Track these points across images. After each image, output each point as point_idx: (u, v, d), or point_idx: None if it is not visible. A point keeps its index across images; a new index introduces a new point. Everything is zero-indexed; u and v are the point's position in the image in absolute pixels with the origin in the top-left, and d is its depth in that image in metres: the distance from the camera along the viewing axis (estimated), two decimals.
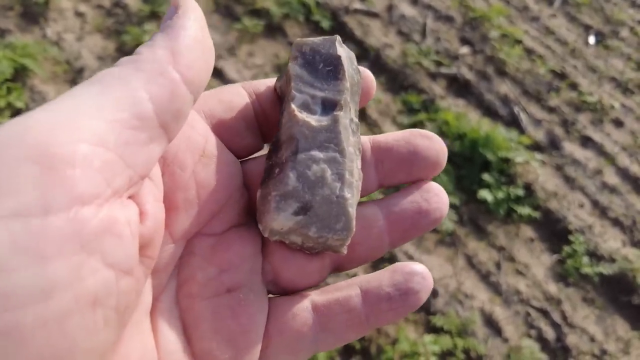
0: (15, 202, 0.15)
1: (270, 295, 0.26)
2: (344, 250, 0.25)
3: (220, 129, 0.26)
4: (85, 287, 0.16)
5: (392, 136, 0.27)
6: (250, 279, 0.24)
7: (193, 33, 0.20)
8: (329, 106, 0.25)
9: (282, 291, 0.25)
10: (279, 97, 0.28)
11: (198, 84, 0.20)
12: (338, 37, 0.27)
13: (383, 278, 0.25)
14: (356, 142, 0.25)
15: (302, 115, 0.24)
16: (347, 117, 0.25)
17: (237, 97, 0.28)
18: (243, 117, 0.27)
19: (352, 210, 0.24)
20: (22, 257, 0.14)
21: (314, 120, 0.24)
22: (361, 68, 0.28)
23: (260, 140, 0.28)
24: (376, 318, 0.24)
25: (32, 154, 0.15)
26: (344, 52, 0.27)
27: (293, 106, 0.25)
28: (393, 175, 0.26)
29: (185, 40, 0.19)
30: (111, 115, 0.17)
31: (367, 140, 0.28)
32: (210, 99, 0.27)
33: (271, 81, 0.28)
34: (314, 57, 0.26)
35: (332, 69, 0.25)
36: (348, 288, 0.25)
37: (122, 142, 0.17)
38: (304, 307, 0.24)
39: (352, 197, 0.24)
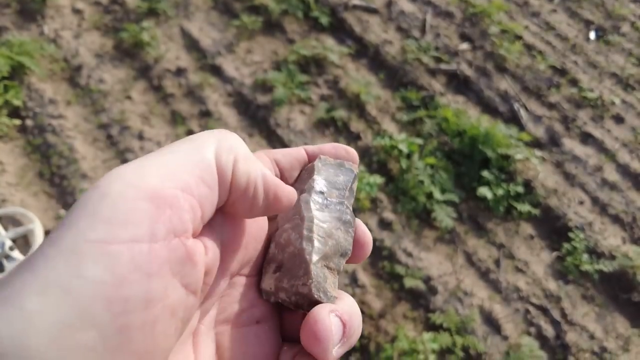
0: (134, 231, 0.20)
1: None
2: (316, 296, 0.29)
3: None
4: (169, 301, 0.21)
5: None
6: (272, 315, 0.30)
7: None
8: (300, 194, 0.33)
9: (287, 339, 0.31)
10: None
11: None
12: (321, 156, 0.35)
13: None
14: (334, 213, 0.33)
15: None
16: (312, 197, 0.32)
17: (266, 164, 0.33)
18: None
19: (310, 257, 0.29)
20: (136, 273, 0.20)
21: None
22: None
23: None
24: None
25: (146, 196, 0.21)
26: (327, 162, 0.35)
27: None
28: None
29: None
30: (197, 172, 0.23)
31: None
32: None
33: (285, 152, 0.36)
34: (304, 173, 0.35)
35: (309, 174, 0.34)
36: None
37: (200, 193, 0.23)
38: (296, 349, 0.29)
39: (310, 247, 0.30)
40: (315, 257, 0.29)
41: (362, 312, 1.45)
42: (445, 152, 1.79)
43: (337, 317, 0.27)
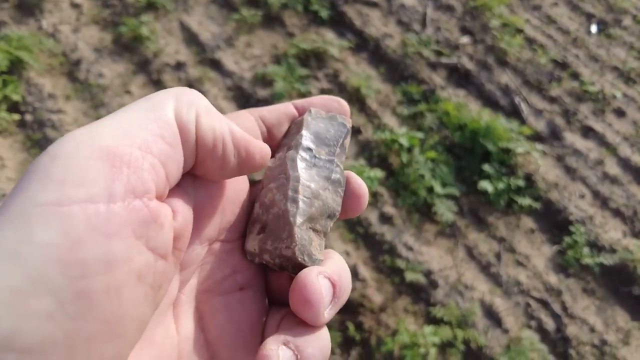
0: (88, 191, 0.19)
1: None
2: (300, 259, 0.27)
3: None
4: (134, 264, 0.20)
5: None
6: (256, 280, 0.29)
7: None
8: (287, 150, 0.32)
9: (274, 302, 0.30)
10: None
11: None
12: (311, 109, 0.34)
13: None
14: (322, 172, 0.31)
15: (269, 163, 0.31)
16: (299, 154, 0.31)
17: (246, 122, 0.31)
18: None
19: (294, 220, 0.28)
20: (93, 234, 0.19)
21: (271, 162, 0.32)
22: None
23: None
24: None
25: (100, 154, 0.20)
26: (317, 115, 0.33)
27: (269, 162, 0.32)
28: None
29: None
30: (155, 129, 0.22)
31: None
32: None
33: (271, 108, 0.34)
34: (293, 127, 0.33)
35: (297, 129, 0.33)
36: None
37: (161, 151, 0.22)
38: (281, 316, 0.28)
39: (294, 209, 0.28)
40: (299, 220, 0.28)
41: (363, 305, 1.45)
42: (446, 146, 1.79)
43: (326, 278, 0.25)
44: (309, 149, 0.31)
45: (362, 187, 0.31)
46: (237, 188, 0.29)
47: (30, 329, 0.17)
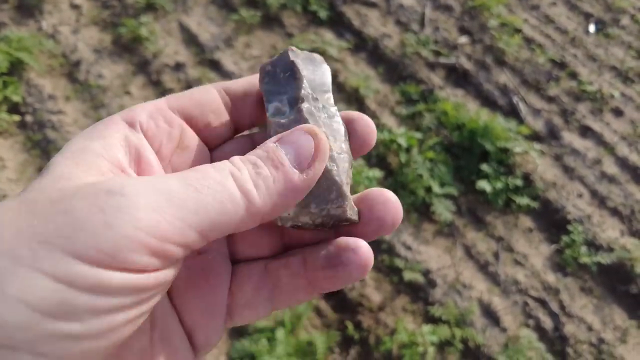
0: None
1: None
2: (355, 218, 0.28)
3: (192, 123, 0.31)
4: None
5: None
6: (217, 244, 0.30)
7: None
8: (294, 102, 0.30)
9: (240, 260, 0.31)
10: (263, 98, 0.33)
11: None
12: (291, 48, 0.32)
13: (321, 249, 0.29)
14: (334, 123, 0.30)
15: (274, 119, 0.29)
16: (312, 104, 0.29)
17: (206, 95, 0.32)
18: (212, 111, 0.31)
19: (340, 179, 0.28)
20: None
21: (283, 118, 0.29)
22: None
23: (232, 130, 0.33)
24: (316, 284, 0.29)
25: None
26: (300, 57, 0.31)
27: (267, 116, 0.30)
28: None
29: None
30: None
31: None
32: (183, 98, 0.31)
33: (237, 80, 0.33)
34: (275, 70, 0.31)
35: (290, 74, 0.30)
36: (294, 255, 0.30)
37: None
38: (258, 270, 0.30)
39: (336, 168, 0.28)
40: (342, 178, 0.28)
41: (362, 305, 1.46)
42: (444, 146, 1.79)
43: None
44: (316, 99, 0.30)
45: (370, 125, 0.31)
46: (194, 160, 0.30)
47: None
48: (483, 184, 1.67)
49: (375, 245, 1.57)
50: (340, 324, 1.42)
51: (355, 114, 0.31)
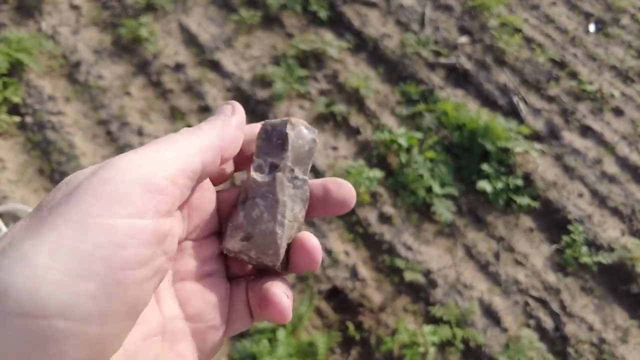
0: (129, 209, 0.26)
1: None
2: (281, 270, 0.35)
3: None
4: (154, 264, 0.27)
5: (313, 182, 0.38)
6: (219, 268, 0.36)
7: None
8: (273, 168, 0.35)
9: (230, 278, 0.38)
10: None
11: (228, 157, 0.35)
12: (291, 119, 0.36)
13: (262, 283, 0.36)
14: (299, 193, 0.35)
15: (254, 175, 0.35)
16: (286, 175, 0.35)
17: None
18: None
19: (280, 242, 0.33)
20: (130, 240, 0.25)
21: (260, 177, 0.35)
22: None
23: (232, 170, 0.39)
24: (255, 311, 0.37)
25: (140, 182, 0.27)
26: (295, 129, 0.36)
27: (251, 168, 0.35)
28: (313, 211, 0.37)
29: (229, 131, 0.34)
30: (182, 166, 0.29)
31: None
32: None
33: (252, 126, 0.38)
34: (272, 133, 0.36)
35: (280, 142, 0.35)
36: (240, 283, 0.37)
37: (183, 185, 0.30)
38: (242, 286, 0.36)
39: (282, 233, 0.33)
40: (285, 242, 0.34)
41: (363, 305, 1.46)
42: (444, 146, 1.79)
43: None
44: (292, 170, 0.35)
45: (351, 194, 0.36)
46: (203, 198, 0.35)
47: (77, 304, 0.23)
48: (483, 184, 1.67)
49: (376, 245, 1.57)
50: (341, 325, 1.42)
51: (341, 181, 0.36)
